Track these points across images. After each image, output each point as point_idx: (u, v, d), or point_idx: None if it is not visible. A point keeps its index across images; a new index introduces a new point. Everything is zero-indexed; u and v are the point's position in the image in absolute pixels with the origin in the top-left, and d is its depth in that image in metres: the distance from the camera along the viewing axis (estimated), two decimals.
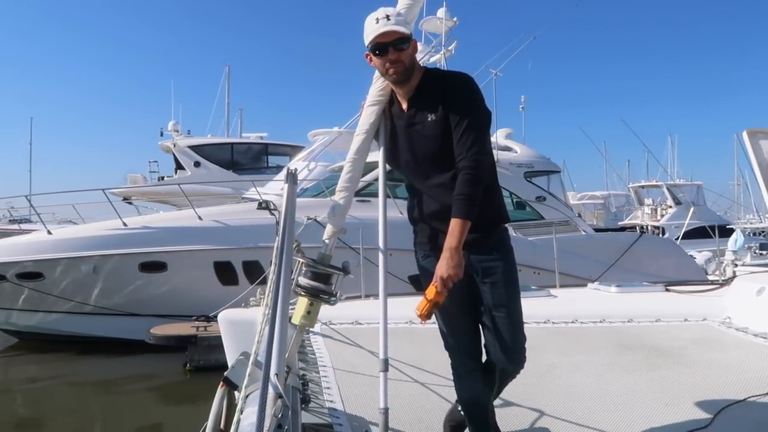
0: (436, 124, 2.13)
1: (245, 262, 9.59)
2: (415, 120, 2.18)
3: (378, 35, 2.10)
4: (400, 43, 2.11)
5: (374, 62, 2.18)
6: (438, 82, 2.19)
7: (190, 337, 8.33)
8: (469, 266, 2.13)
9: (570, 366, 3.43)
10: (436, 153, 2.15)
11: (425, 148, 2.17)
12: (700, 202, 25.77)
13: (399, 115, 2.24)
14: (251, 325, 3.12)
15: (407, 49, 2.13)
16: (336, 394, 2.80)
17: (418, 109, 2.18)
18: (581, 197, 30.33)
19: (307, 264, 2.18)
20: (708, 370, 3.25)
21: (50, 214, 12.29)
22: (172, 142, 19.31)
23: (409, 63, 2.14)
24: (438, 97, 2.13)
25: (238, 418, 1.63)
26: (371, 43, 2.13)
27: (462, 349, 2.28)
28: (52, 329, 9.90)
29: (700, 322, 4.46)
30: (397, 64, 2.12)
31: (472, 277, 2.17)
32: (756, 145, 3.80)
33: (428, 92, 2.17)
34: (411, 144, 2.21)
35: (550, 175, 12.51)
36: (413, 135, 2.19)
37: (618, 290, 5.33)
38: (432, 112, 2.14)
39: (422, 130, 2.17)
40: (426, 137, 2.16)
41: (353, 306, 4.41)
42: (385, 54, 2.12)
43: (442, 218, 2.11)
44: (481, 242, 2.16)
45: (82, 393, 8.37)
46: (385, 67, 2.14)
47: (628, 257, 11.17)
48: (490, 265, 2.17)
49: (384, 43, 2.10)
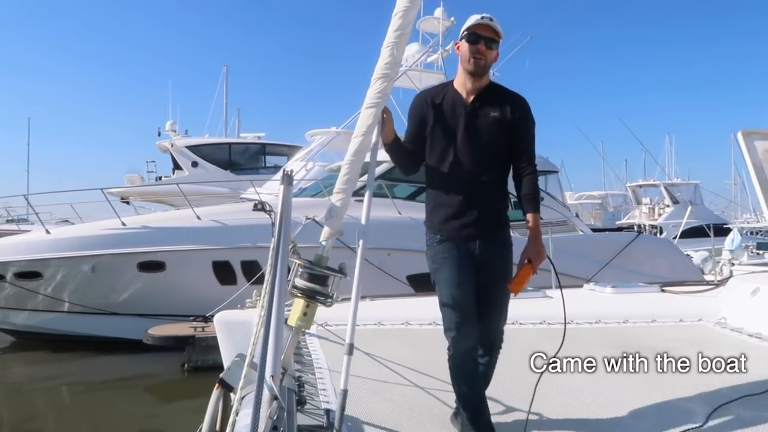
0: (498, 124, 2.42)
1: (244, 261, 9.59)
2: (479, 113, 2.44)
3: (479, 25, 2.41)
4: (492, 42, 2.42)
5: (462, 48, 2.46)
6: (504, 93, 2.52)
7: (188, 338, 8.32)
8: (484, 254, 2.41)
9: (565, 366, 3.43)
10: (491, 146, 2.43)
11: (485, 138, 2.43)
12: (697, 201, 25.80)
13: (460, 103, 2.46)
14: (247, 326, 3.12)
15: (493, 50, 2.43)
16: (331, 395, 2.80)
17: (483, 105, 2.45)
18: (579, 197, 30.40)
19: (304, 265, 2.19)
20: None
21: (48, 214, 12.25)
22: (169, 142, 19.33)
23: (488, 62, 2.44)
24: (503, 103, 2.45)
25: (233, 419, 1.64)
26: (470, 30, 2.41)
27: (469, 327, 2.35)
28: (50, 329, 9.90)
29: (695, 322, 4.48)
30: (481, 56, 2.41)
31: (481, 264, 2.41)
32: (751, 146, 3.82)
33: (495, 96, 2.48)
34: (472, 132, 2.43)
35: (547, 175, 12.53)
36: (477, 124, 2.43)
37: (614, 291, 5.35)
38: (495, 113, 2.43)
39: (484, 124, 2.43)
40: (487, 131, 2.42)
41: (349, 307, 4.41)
42: (476, 44, 2.40)
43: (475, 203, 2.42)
44: (498, 235, 2.49)
45: (79, 393, 8.37)
46: (471, 54, 2.41)
47: (626, 257, 11.18)
48: (493, 251, 2.45)
49: (480, 35, 2.40)
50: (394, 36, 2.32)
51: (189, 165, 18.71)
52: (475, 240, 2.42)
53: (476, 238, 2.42)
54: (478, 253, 2.41)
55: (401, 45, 2.33)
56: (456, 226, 2.42)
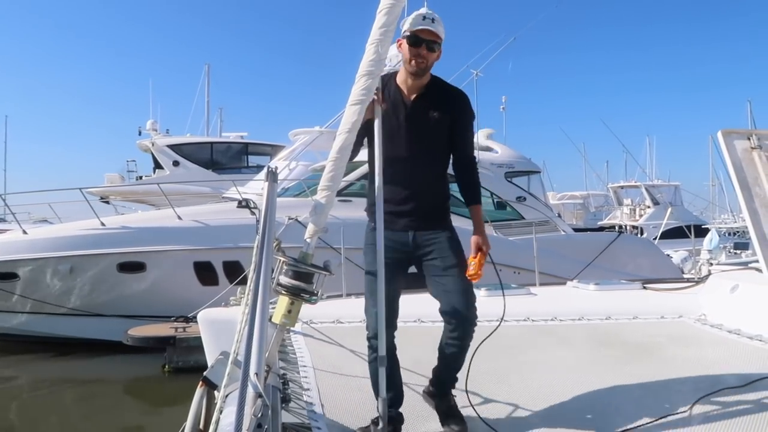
0: (438, 121, 2.46)
1: (225, 262, 9.51)
2: (419, 110, 2.47)
3: (420, 29, 2.41)
4: (433, 44, 2.43)
5: (403, 49, 2.47)
6: (445, 88, 2.55)
7: (169, 338, 8.25)
8: (416, 245, 2.45)
9: (549, 362, 3.46)
10: (431, 143, 2.47)
11: (425, 135, 2.46)
12: (677, 202, 26.19)
13: (400, 100, 2.49)
14: (231, 324, 3.08)
15: (435, 52, 2.45)
16: (316, 393, 2.79)
17: (423, 102, 2.48)
18: (561, 197, 30.64)
19: (288, 263, 2.17)
20: (683, 366, 3.31)
21: (26, 214, 12.07)
22: (150, 141, 19.07)
23: (429, 63, 2.46)
24: (444, 100, 2.49)
25: (217, 417, 1.62)
26: (411, 33, 2.42)
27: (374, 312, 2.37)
28: (28, 330, 9.71)
29: (676, 319, 4.54)
30: (422, 59, 2.42)
31: (418, 254, 2.46)
32: (730, 146, 3.86)
33: (435, 93, 2.50)
34: (412, 129, 2.46)
35: (530, 176, 12.62)
36: (417, 122, 2.46)
37: (596, 288, 5.41)
38: (435, 110, 2.46)
39: (424, 122, 2.46)
40: (427, 128, 2.46)
41: (334, 305, 4.40)
42: (417, 47, 2.41)
43: (413, 197, 2.46)
44: (437, 225, 2.49)
45: (58, 395, 8.24)
46: (411, 56, 2.43)
47: (607, 256, 11.31)
48: (434, 236, 2.47)
49: (421, 38, 2.41)
50: (379, 33, 2.32)
51: (170, 164, 18.49)
52: (408, 231, 2.46)
53: (411, 229, 2.46)
54: (413, 244, 2.45)
55: (386, 42, 2.33)
56: (392, 217, 2.42)
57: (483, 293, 3.82)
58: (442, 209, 2.55)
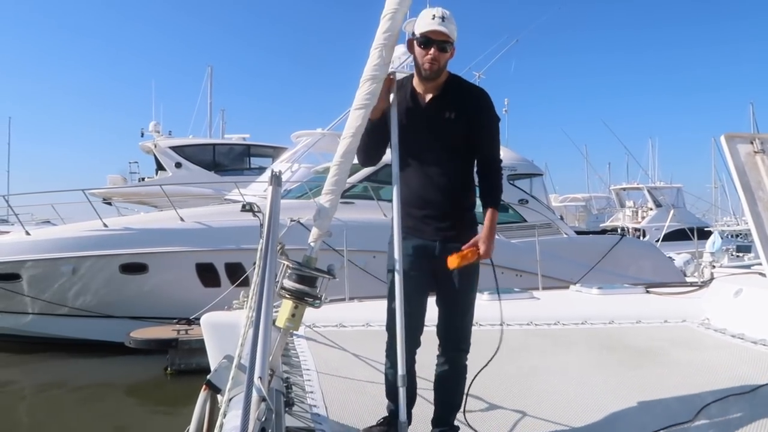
0: (455, 122, 2.37)
1: (228, 264, 9.51)
2: (436, 112, 2.39)
3: (430, 31, 2.32)
4: (445, 44, 2.34)
5: (416, 51, 2.38)
6: (462, 87, 2.45)
7: (171, 341, 8.24)
8: (443, 253, 2.34)
9: (552, 367, 3.45)
10: (449, 145, 2.39)
11: (443, 138, 2.39)
12: (679, 204, 26.11)
13: (417, 102, 2.42)
14: (234, 327, 3.10)
15: (447, 52, 2.36)
16: (319, 397, 2.79)
17: (440, 103, 2.39)
18: (563, 199, 30.58)
19: (292, 266, 2.16)
20: (687, 371, 3.30)
21: (28, 215, 12.02)
22: (153, 143, 19.08)
23: (443, 64, 2.37)
24: (461, 99, 2.40)
25: (221, 421, 1.62)
26: (422, 35, 2.34)
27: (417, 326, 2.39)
28: (30, 331, 9.72)
29: (679, 323, 4.53)
30: (434, 61, 2.34)
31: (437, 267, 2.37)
32: (733, 149, 3.86)
33: (453, 93, 2.42)
34: (430, 132, 2.38)
35: (532, 178, 12.59)
36: (434, 124, 2.38)
37: (599, 292, 5.39)
38: (453, 111, 2.37)
39: (442, 123, 2.38)
40: (444, 130, 2.38)
41: (337, 309, 4.40)
42: (429, 48, 2.33)
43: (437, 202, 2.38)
44: (460, 235, 2.38)
45: (60, 396, 8.23)
46: (423, 59, 2.35)
47: (609, 259, 11.29)
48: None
49: (432, 39, 2.32)
50: (383, 38, 2.32)
51: (172, 166, 18.49)
52: (434, 240, 2.38)
53: (436, 239, 2.38)
54: (438, 252, 2.37)
55: (390, 47, 2.33)
56: (417, 223, 2.38)
57: (485, 297, 3.82)
58: (468, 217, 2.45)
